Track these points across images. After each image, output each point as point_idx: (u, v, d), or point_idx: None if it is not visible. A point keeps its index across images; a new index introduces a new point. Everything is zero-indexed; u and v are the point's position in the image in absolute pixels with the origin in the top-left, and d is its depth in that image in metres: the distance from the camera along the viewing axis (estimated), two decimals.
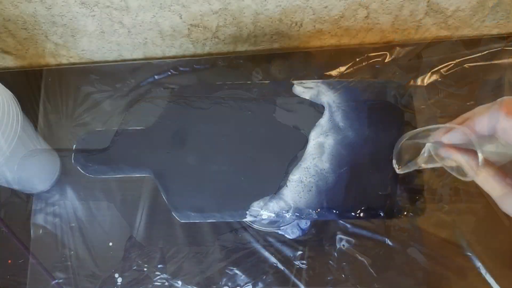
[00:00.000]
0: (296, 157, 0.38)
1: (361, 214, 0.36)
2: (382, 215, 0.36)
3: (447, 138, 0.29)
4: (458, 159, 0.29)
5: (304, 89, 0.40)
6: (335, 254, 0.51)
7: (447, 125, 0.29)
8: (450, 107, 0.57)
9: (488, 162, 0.28)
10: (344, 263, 0.50)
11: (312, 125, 0.39)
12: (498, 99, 0.27)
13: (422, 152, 0.32)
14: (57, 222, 0.53)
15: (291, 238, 0.51)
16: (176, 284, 0.50)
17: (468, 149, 0.29)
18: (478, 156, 0.27)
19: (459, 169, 0.30)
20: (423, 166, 0.33)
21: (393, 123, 0.39)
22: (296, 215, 0.36)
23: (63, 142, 0.57)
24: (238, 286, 0.50)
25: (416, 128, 0.39)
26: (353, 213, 0.36)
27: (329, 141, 0.38)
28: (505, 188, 0.27)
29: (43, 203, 0.54)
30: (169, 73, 0.60)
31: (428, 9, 0.55)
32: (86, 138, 0.40)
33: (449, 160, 0.30)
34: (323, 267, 0.50)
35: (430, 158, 0.32)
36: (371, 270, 0.50)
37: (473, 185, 0.54)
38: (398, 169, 0.35)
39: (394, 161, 0.36)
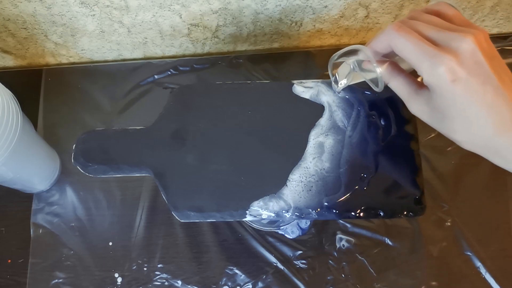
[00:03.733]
0: (296, 156, 0.38)
1: (361, 214, 0.36)
2: (382, 215, 0.36)
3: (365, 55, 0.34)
4: (374, 70, 0.33)
5: (304, 89, 0.40)
6: (335, 254, 0.51)
7: (357, 46, 0.34)
8: None
9: (397, 68, 0.33)
10: (344, 263, 0.50)
11: (312, 124, 0.39)
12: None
13: (351, 69, 0.36)
14: (57, 222, 0.53)
15: (291, 238, 0.51)
16: (176, 284, 0.50)
17: (383, 61, 0.33)
18: (376, 68, 0.32)
19: (375, 80, 0.34)
20: (354, 81, 0.37)
21: (392, 122, 0.39)
22: (296, 214, 0.36)
23: (63, 142, 0.57)
24: (238, 286, 0.50)
25: (415, 126, 0.39)
26: (353, 213, 0.36)
27: (329, 141, 0.38)
28: (412, 91, 0.31)
29: (43, 203, 0.54)
30: (169, 72, 0.60)
31: None
32: (86, 138, 0.40)
33: (369, 73, 0.34)
34: (323, 267, 0.50)
35: (356, 74, 0.36)
36: (371, 270, 0.50)
37: (473, 185, 0.54)
38: (337, 88, 0.39)
39: (332, 82, 0.39)
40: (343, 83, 0.38)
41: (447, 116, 0.30)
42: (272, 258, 0.51)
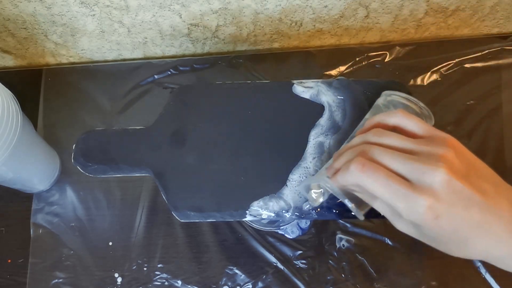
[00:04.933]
0: (296, 156, 0.38)
1: None
2: (382, 215, 0.36)
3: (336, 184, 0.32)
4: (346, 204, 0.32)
5: (304, 89, 0.40)
6: (335, 253, 0.51)
7: (322, 182, 0.32)
8: (450, 106, 0.57)
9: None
10: (344, 263, 0.50)
11: (312, 124, 0.39)
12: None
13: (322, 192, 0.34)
14: (57, 222, 0.53)
15: (291, 237, 0.51)
16: (176, 284, 0.50)
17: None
18: (347, 204, 0.31)
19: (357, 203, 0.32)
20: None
21: None
22: (296, 214, 0.36)
23: (63, 142, 0.57)
24: (238, 286, 0.50)
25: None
26: (353, 213, 0.36)
27: (329, 141, 0.38)
28: (395, 212, 0.29)
29: (43, 203, 0.54)
30: (169, 72, 0.60)
31: (428, 9, 0.55)
32: (86, 138, 0.40)
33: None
34: (323, 267, 0.50)
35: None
36: (371, 270, 0.50)
37: None
38: (315, 204, 0.35)
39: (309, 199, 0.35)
40: (319, 201, 0.34)
41: (439, 241, 0.29)
42: (272, 258, 0.51)
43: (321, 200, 0.34)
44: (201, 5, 0.51)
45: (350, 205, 0.31)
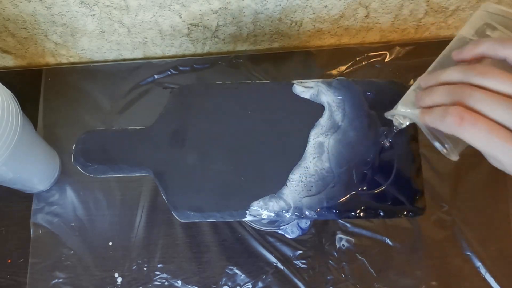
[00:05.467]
0: (296, 156, 0.38)
1: (361, 214, 0.36)
2: (382, 215, 0.36)
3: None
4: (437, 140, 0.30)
5: (304, 89, 0.40)
6: (335, 253, 0.51)
7: (411, 116, 0.30)
8: None
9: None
10: (344, 263, 0.50)
11: (312, 124, 0.39)
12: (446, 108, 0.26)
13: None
14: (57, 222, 0.53)
15: (291, 237, 0.51)
16: (176, 284, 0.50)
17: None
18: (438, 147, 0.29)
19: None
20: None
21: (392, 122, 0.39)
22: (296, 214, 0.36)
23: (63, 142, 0.57)
24: (238, 286, 0.50)
25: (415, 126, 0.39)
26: (353, 213, 0.36)
27: (329, 141, 0.38)
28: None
29: (43, 203, 0.54)
30: (169, 72, 0.60)
31: (428, 9, 0.55)
32: (86, 138, 0.40)
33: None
34: (323, 267, 0.50)
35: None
36: (371, 269, 0.50)
37: (473, 185, 0.54)
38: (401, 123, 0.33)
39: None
40: (406, 124, 0.32)
41: None
42: (272, 258, 0.51)
43: (407, 123, 0.32)
44: (201, 5, 0.51)
45: (441, 148, 0.28)
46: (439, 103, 0.28)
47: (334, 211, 0.36)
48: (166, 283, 0.50)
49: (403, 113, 0.32)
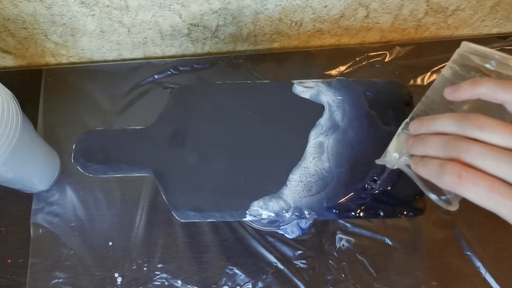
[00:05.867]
0: (296, 156, 0.38)
1: (361, 214, 0.36)
2: (382, 215, 0.36)
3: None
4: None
5: (304, 89, 0.40)
6: (335, 253, 0.51)
7: (405, 167, 0.29)
8: None
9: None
10: (344, 263, 0.50)
11: (312, 124, 0.39)
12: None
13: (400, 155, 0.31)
14: (57, 222, 0.53)
15: (291, 237, 0.51)
16: (176, 284, 0.50)
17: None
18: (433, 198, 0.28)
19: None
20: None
21: (392, 122, 0.39)
22: (296, 214, 0.36)
23: (63, 142, 0.57)
24: (238, 286, 0.50)
25: None
26: (353, 213, 0.36)
27: (329, 141, 0.38)
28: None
29: (43, 203, 0.54)
30: (169, 72, 0.60)
31: (428, 9, 0.55)
32: (86, 137, 0.40)
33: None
34: (323, 267, 0.50)
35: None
36: (371, 270, 0.50)
37: None
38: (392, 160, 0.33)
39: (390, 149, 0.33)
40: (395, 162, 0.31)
41: None
42: (272, 258, 0.51)
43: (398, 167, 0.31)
44: (201, 5, 0.51)
45: (437, 200, 0.27)
46: (433, 155, 0.27)
47: (334, 211, 0.36)
48: (166, 283, 0.50)
49: (394, 163, 0.31)
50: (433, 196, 0.28)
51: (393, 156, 0.32)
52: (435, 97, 0.32)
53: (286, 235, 0.51)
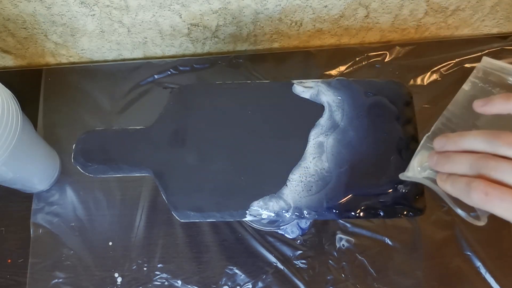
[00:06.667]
0: (296, 156, 0.38)
1: (361, 214, 0.36)
2: (382, 214, 0.36)
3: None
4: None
5: (304, 89, 0.40)
6: (335, 253, 0.51)
7: (431, 184, 0.30)
8: None
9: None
10: (344, 263, 0.50)
11: (312, 124, 0.39)
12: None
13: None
14: (57, 222, 0.53)
15: (291, 237, 0.51)
16: (176, 284, 0.50)
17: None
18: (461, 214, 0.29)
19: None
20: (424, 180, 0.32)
21: (392, 123, 0.39)
22: (296, 214, 0.36)
23: (63, 142, 0.57)
24: (238, 286, 0.50)
25: (415, 126, 0.39)
26: (353, 213, 0.36)
27: (329, 141, 0.38)
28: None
29: (43, 203, 0.54)
30: (169, 72, 0.60)
31: (428, 9, 0.55)
32: (86, 137, 0.40)
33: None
34: (323, 267, 0.50)
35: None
36: (371, 270, 0.50)
37: None
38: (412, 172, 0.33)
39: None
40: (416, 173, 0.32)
41: None
42: (272, 258, 0.51)
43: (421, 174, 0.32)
44: (201, 5, 0.51)
45: (466, 216, 0.28)
46: (461, 174, 0.27)
47: (334, 211, 0.36)
48: (166, 283, 0.50)
49: (419, 179, 0.31)
50: (461, 213, 0.28)
51: (417, 170, 0.32)
52: (456, 111, 0.32)
53: (286, 235, 0.51)
